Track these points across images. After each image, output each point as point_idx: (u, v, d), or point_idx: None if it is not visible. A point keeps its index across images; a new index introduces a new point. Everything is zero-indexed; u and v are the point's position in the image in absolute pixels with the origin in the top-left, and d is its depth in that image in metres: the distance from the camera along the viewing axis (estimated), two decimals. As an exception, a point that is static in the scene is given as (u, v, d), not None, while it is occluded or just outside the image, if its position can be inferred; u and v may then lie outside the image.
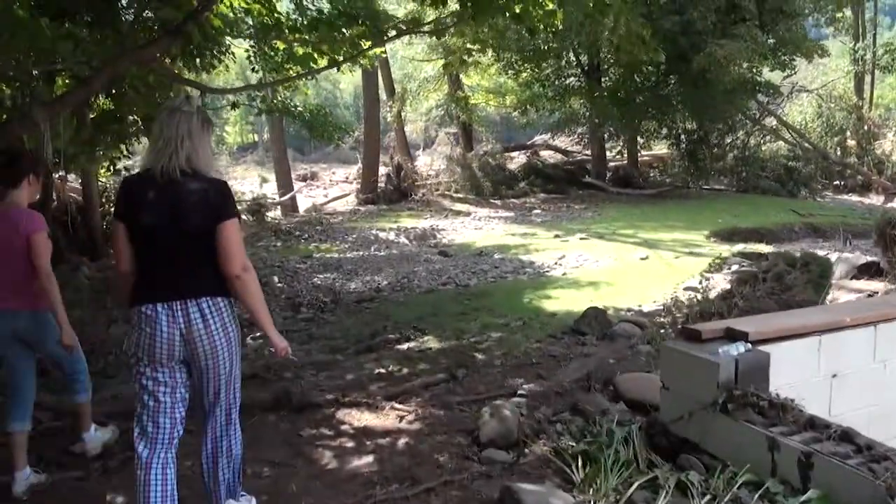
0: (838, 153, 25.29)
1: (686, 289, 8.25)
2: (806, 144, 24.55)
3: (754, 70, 19.63)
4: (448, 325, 7.28)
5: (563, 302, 8.14)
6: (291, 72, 9.68)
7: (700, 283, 8.36)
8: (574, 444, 3.82)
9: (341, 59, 9.33)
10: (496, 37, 19.17)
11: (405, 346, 6.67)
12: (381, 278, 10.49)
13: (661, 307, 7.38)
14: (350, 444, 4.21)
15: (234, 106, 11.45)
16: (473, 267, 11.02)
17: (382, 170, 22.17)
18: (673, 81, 20.01)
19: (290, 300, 9.32)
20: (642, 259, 10.69)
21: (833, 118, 27.39)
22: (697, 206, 18.58)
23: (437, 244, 13.91)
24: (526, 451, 3.91)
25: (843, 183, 25.46)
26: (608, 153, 25.06)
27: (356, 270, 11.12)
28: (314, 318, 8.47)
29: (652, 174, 26.24)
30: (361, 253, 12.95)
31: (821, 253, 11.27)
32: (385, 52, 15.53)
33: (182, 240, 2.96)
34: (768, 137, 24.36)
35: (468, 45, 20.72)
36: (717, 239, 13.58)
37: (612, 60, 21.95)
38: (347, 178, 29.42)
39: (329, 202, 21.86)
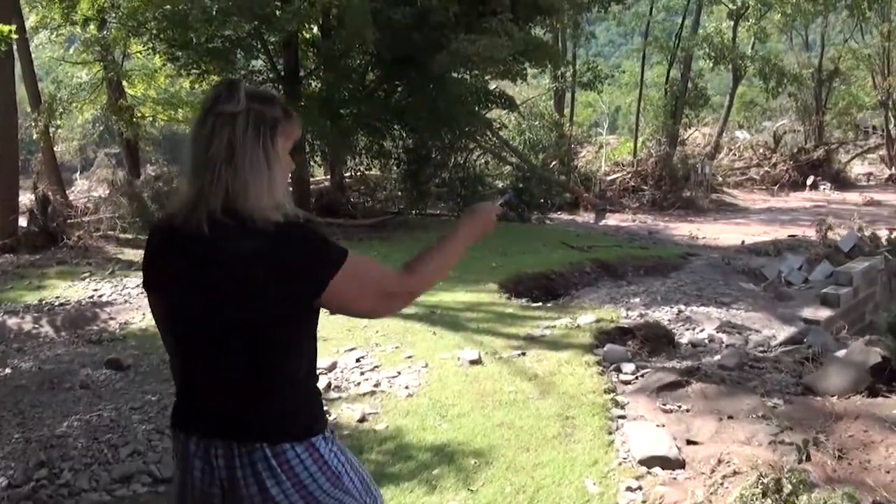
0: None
1: (643, 480, 4.32)
2: (518, 162, 22.61)
3: (492, 75, 16.67)
4: None
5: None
6: None
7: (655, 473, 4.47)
8: None
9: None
10: (168, 24, 14.12)
11: None
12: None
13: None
14: None
15: None
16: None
17: (27, 202, 15.55)
18: (400, 88, 16.32)
19: None
20: (473, 363, 6.44)
21: (535, 136, 26.32)
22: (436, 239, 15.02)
23: (102, 337, 8.36)
24: None
25: (550, 202, 24.13)
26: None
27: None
28: None
29: (360, 200, 22.62)
30: (-39, 370, 7.16)
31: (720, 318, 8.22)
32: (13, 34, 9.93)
33: (226, 337, 1.66)
34: (489, 156, 21.89)
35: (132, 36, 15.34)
36: (510, 294, 10.04)
37: (313, 65, 17.86)
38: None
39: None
